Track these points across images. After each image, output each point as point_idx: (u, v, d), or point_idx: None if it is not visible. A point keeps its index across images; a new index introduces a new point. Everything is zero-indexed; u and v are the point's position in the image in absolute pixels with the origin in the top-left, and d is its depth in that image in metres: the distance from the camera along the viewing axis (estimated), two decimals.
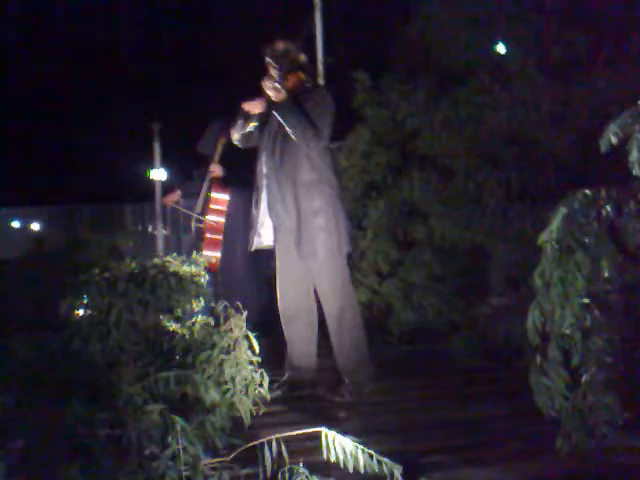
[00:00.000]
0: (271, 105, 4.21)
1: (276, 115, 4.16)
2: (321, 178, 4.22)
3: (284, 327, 4.41)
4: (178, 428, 2.81)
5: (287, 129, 4.12)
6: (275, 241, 4.37)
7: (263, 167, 4.35)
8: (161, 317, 3.67)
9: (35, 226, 30.20)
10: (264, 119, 4.33)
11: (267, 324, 5.03)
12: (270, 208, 4.33)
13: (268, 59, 4.31)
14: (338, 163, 4.69)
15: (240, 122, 4.35)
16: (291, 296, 4.37)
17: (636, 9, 4.88)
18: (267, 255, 4.65)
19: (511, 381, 4.01)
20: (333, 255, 4.22)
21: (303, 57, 4.43)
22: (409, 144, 5.80)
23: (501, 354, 4.62)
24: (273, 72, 4.27)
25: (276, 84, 4.17)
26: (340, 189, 4.36)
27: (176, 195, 5.92)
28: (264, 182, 4.34)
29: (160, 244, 16.69)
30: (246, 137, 4.43)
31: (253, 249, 4.44)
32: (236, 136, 4.43)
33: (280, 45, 4.35)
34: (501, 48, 5.31)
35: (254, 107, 4.28)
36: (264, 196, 4.34)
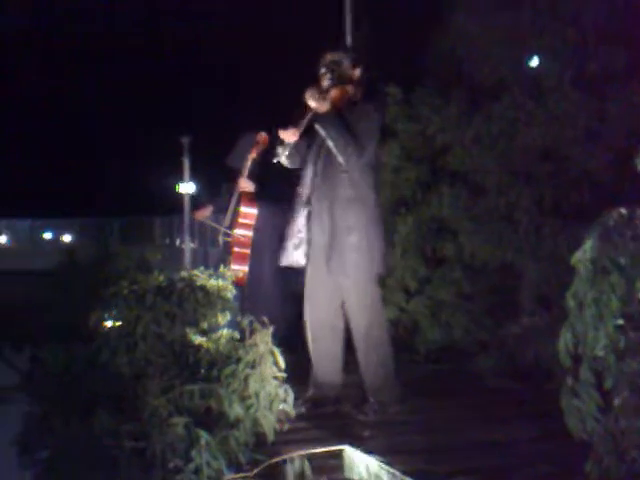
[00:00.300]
0: (314, 117, 4.14)
1: (317, 128, 4.11)
2: (360, 196, 4.17)
3: (310, 343, 4.37)
4: (202, 442, 2.81)
5: (328, 143, 4.08)
6: (306, 256, 4.32)
7: (305, 181, 4.32)
8: (187, 330, 3.67)
9: (67, 238, 30.56)
10: (310, 133, 4.26)
11: (293, 340, 5.01)
12: (306, 223, 4.30)
13: (321, 68, 4.27)
14: (379, 182, 4.64)
15: (279, 149, 4.29)
16: (319, 312, 4.33)
17: None
18: (295, 270, 4.62)
19: (540, 403, 3.94)
20: (363, 274, 4.17)
21: (357, 70, 4.30)
22: (439, 159, 5.76)
23: (530, 375, 4.55)
24: (323, 82, 4.22)
25: (317, 95, 4.08)
26: (378, 208, 4.32)
27: (207, 210, 5.91)
28: (304, 196, 4.31)
29: (188, 257, 16.79)
30: (291, 158, 4.38)
31: (283, 265, 4.39)
32: (281, 159, 4.36)
33: (331, 56, 4.29)
34: (535, 63, 5.27)
35: (289, 136, 4.23)
36: (302, 211, 4.30)
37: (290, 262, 4.35)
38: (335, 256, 4.14)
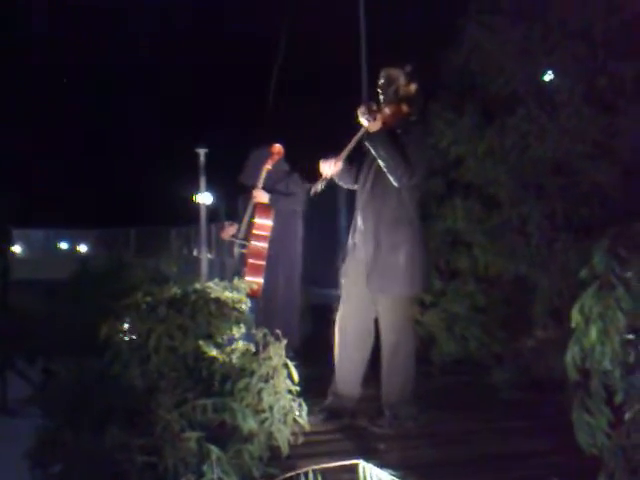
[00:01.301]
0: (365, 135, 4.11)
1: (368, 146, 4.10)
2: (406, 216, 4.17)
3: (336, 352, 4.37)
4: (213, 457, 2.81)
5: (379, 162, 4.07)
6: (345, 268, 4.34)
7: (358, 196, 4.33)
8: (201, 343, 3.67)
9: (82, 248, 30.72)
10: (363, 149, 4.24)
11: (308, 353, 5.02)
12: (351, 237, 4.32)
13: (378, 84, 4.26)
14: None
15: (317, 183, 4.24)
16: (351, 326, 4.33)
17: None
18: (309, 283, 4.62)
19: (554, 415, 3.92)
20: (399, 294, 4.18)
21: (413, 88, 4.25)
22: (452, 172, 5.76)
23: (545, 388, 4.54)
24: (380, 99, 4.21)
25: (368, 113, 4.03)
26: (422, 229, 4.32)
27: (232, 229, 5.90)
28: (357, 211, 4.32)
29: (204, 267, 16.82)
30: (341, 180, 4.37)
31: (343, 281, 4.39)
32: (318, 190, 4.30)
33: (387, 72, 4.25)
34: (548, 77, 5.27)
35: (327, 169, 4.21)
36: (359, 225, 4.29)
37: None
38: (376, 273, 4.15)
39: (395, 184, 4.06)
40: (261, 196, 5.58)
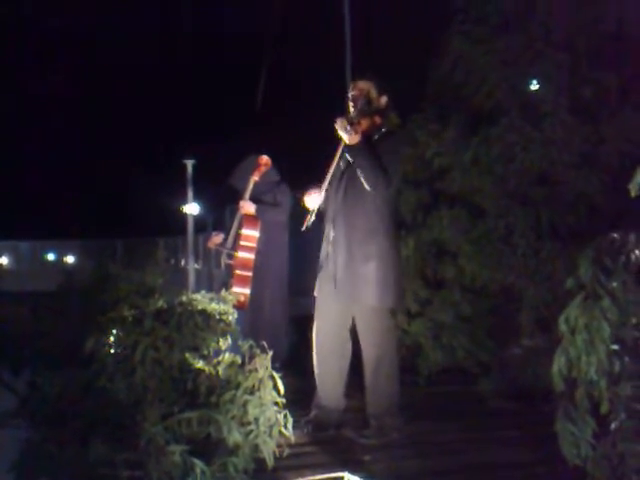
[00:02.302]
0: (344, 147, 4.11)
1: (349, 158, 4.11)
2: (380, 226, 4.17)
3: (315, 367, 4.37)
4: (198, 470, 2.80)
5: (359, 173, 4.07)
6: (318, 280, 4.33)
7: (328, 206, 4.32)
8: (187, 355, 3.66)
9: (70, 259, 30.56)
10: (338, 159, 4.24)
11: (295, 364, 5.01)
12: (324, 248, 4.30)
13: (349, 97, 4.27)
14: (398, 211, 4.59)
15: (307, 218, 4.19)
16: (327, 338, 4.32)
17: None
18: (295, 293, 4.62)
19: (541, 425, 3.90)
20: (377, 303, 4.16)
21: (384, 99, 4.29)
22: (438, 182, 5.77)
23: (531, 397, 4.54)
24: (351, 111, 4.22)
25: (348, 127, 4.02)
26: (397, 239, 4.33)
27: (218, 237, 5.89)
28: (328, 223, 4.30)
29: (192, 278, 16.79)
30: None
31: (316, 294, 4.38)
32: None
33: (359, 84, 4.27)
34: (532, 87, 5.29)
35: (312, 203, 4.21)
36: (331, 237, 4.27)
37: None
38: (350, 284, 4.14)
39: (373, 193, 4.07)
40: (248, 207, 5.58)
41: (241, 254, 5.52)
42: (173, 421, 3.13)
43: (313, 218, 4.20)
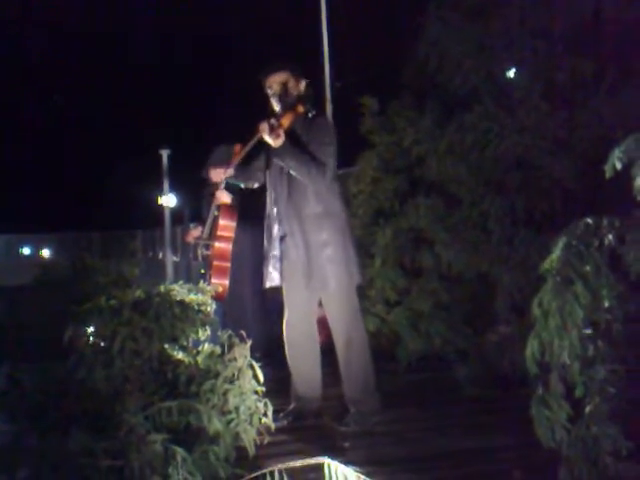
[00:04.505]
0: (271, 152, 4.16)
1: (278, 162, 4.14)
2: (329, 210, 4.19)
3: (289, 357, 4.40)
4: (179, 459, 2.81)
5: (290, 172, 4.10)
6: (282, 272, 4.33)
7: (271, 201, 4.33)
8: (165, 346, 3.66)
9: (45, 253, 30.37)
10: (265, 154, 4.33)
11: (275, 354, 5.02)
12: (280, 240, 4.30)
13: (267, 92, 4.28)
14: (347, 190, 4.62)
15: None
16: (297, 327, 4.35)
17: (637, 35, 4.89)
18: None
19: (517, 410, 3.95)
20: (342, 286, 4.19)
21: (303, 84, 4.30)
22: (416, 170, 5.79)
23: (507, 382, 4.59)
24: (272, 106, 4.24)
25: (271, 130, 3.98)
26: (349, 219, 4.34)
27: (197, 231, 5.86)
28: (273, 216, 4.32)
29: (170, 270, 16.75)
30: (246, 177, 4.56)
31: (267, 287, 4.40)
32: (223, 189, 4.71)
33: (275, 77, 4.26)
34: (507, 74, 5.31)
35: (217, 176, 4.72)
36: (274, 232, 4.31)
37: (274, 284, 4.36)
38: (314, 272, 4.15)
39: (311, 185, 4.11)
40: (224, 197, 5.56)
41: (218, 244, 5.50)
42: (153, 410, 3.14)
43: (223, 185, 4.85)
